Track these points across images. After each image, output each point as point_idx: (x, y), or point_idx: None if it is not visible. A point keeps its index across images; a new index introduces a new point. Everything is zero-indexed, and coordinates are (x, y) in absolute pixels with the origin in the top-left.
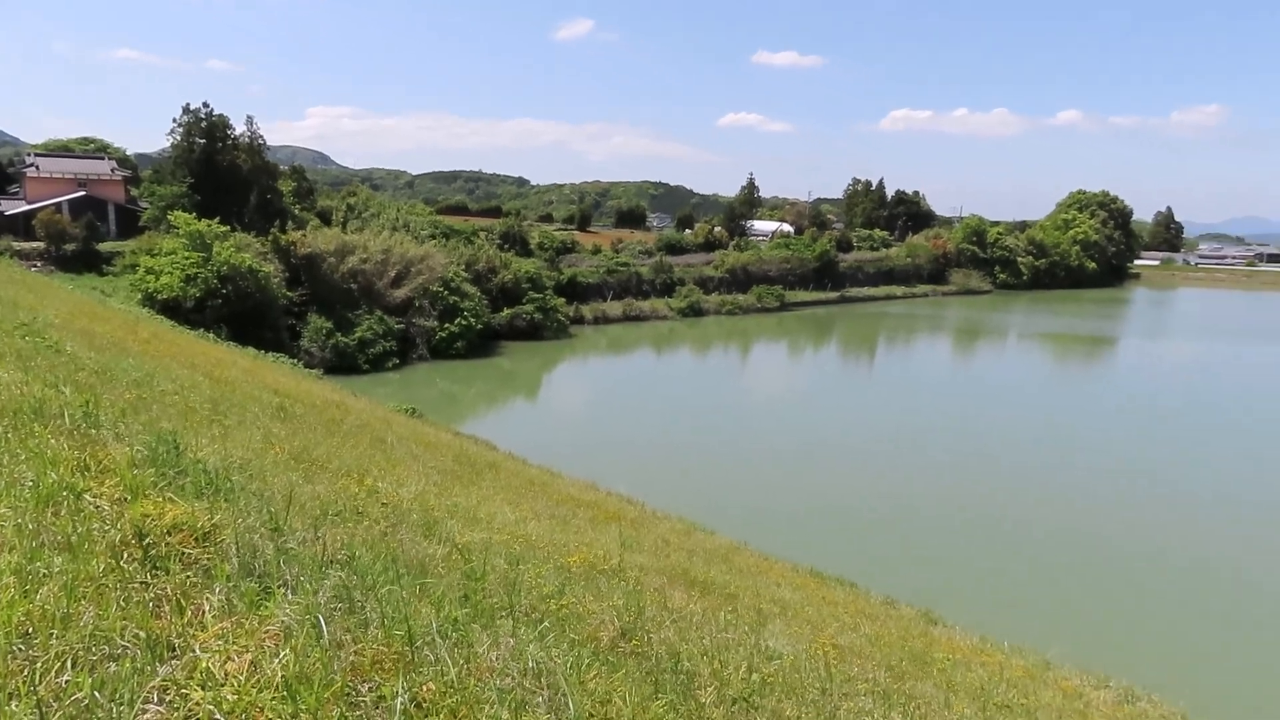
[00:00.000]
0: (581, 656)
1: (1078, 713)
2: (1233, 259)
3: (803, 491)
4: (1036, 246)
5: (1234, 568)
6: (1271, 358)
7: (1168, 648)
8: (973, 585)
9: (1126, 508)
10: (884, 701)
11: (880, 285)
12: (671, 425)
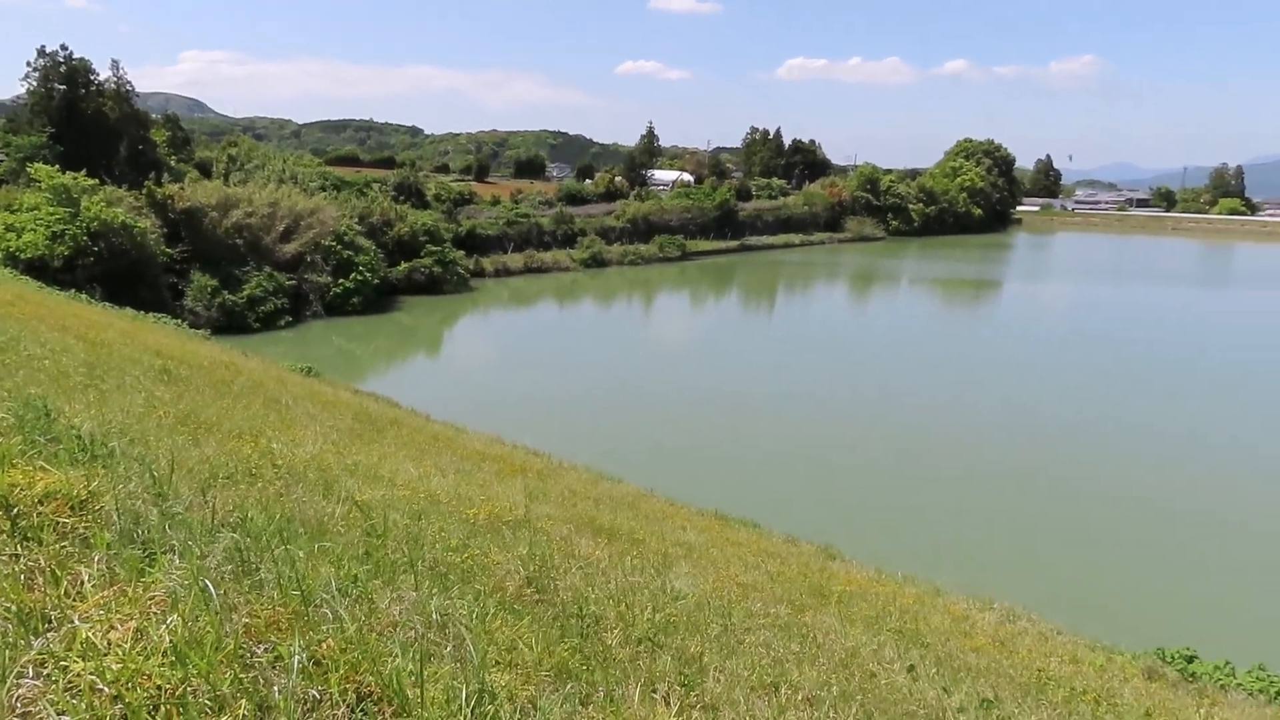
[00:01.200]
0: (487, 606)
1: (963, 634)
2: (1106, 204)
3: (708, 437)
4: (927, 194)
5: (1102, 490)
6: (1138, 297)
7: (1046, 570)
8: (870, 521)
9: (1009, 440)
10: (784, 633)
11: (779, 233)
12: (577, 377)
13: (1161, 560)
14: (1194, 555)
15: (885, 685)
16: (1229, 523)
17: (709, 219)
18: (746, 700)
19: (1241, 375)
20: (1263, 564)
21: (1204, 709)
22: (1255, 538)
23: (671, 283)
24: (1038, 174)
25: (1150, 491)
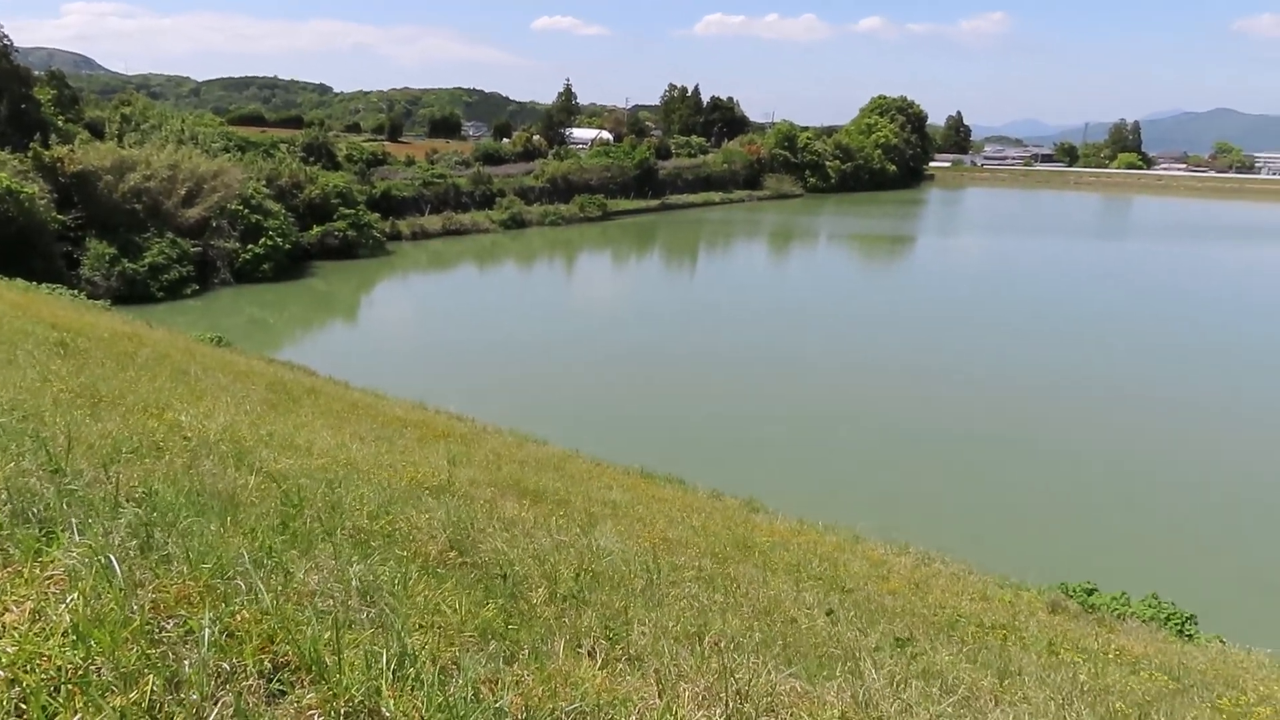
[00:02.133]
0: (409, 571)
1: (881, 577)
2: (1012, 159)
3: (633, 397)
4: (843, 151)
5: (1008, 437)
6: (1043, 251)
7: (959, 514)
8: (792, 474)
9: (923, 391)
10: (708, 585)
11: (699, 192)
12: (500, 341)
13: (1065, 500)
14: (1093, 495)
15: (806, 629)
16: (1123, 463)
17: (629, 178)
18: (671, 650)
19: (1138, 325)
20: (1154, 501)
21: (1102, 637)
22: (1147, 477)
23: (593, 243)
24: (949, 130)
25: (1052, 436)
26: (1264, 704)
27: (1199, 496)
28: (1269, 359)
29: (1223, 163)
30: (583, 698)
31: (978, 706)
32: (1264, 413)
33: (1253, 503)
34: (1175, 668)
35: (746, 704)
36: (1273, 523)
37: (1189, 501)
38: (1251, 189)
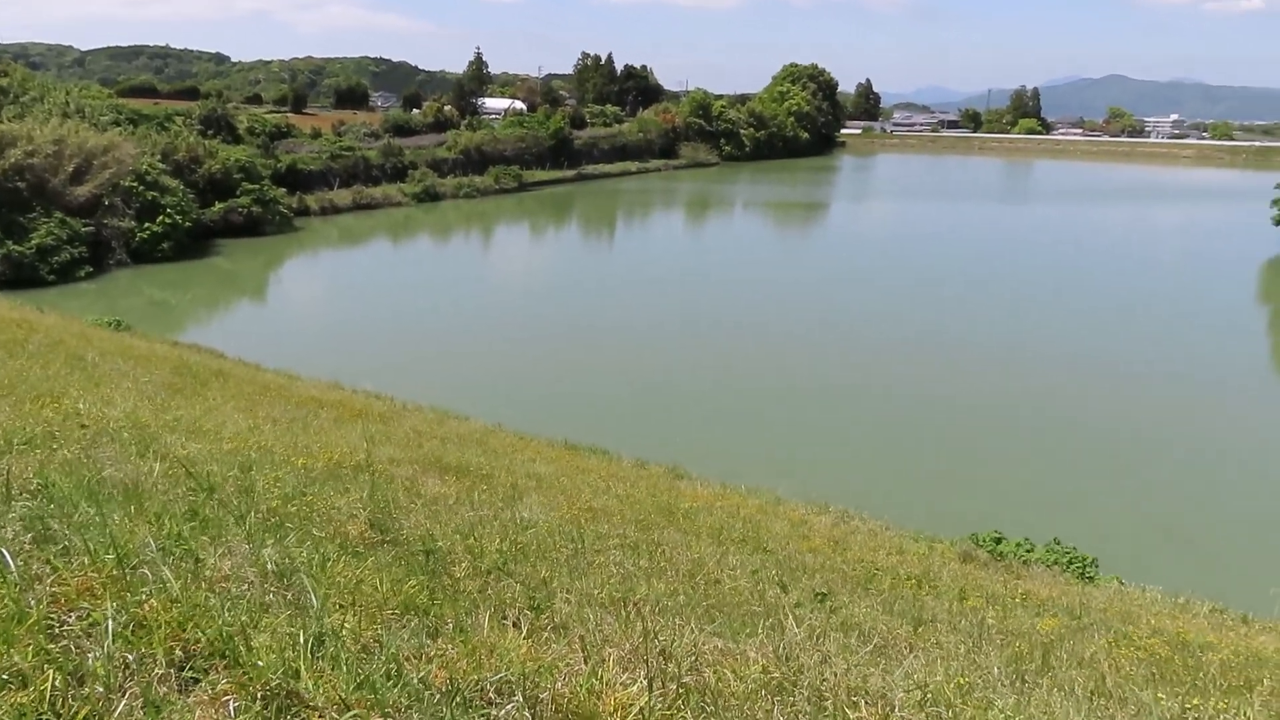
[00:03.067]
0: (328, 552)
1: (802, 537)
2: (921, 126)
3: (555, 370)
4: (757, 119)
5: (919, 396)
6: (952, 215)
7: (876, 472)
8: (715, 439)
9: (840, 355)
10: (633, 552)
11: (615, 161)
12: (417, 316)
13: (974, 455)
14: (1000, 448)
15: (729, 590)
16: (1026, 416)
17: (544, 148)
18: (596, 616)
19: (1039, 284)
20: (1055, 451)
21: (1009, 583)
22: (1048, 429)
23: (510, 215)
24: (859, 98)
25: (961, 393)
26: (1155, 636)
27: (1097, 445)
28: (1160, 312)
29: (1115, 127)
30: (507, 667)
31: (893, 654)
32: (1154, 364)
33: (1146, 449)
34: (1076, 608)
35: (670, 663)
36: (1165, 468)
37: (1088, 450)
38: (1142, 152)
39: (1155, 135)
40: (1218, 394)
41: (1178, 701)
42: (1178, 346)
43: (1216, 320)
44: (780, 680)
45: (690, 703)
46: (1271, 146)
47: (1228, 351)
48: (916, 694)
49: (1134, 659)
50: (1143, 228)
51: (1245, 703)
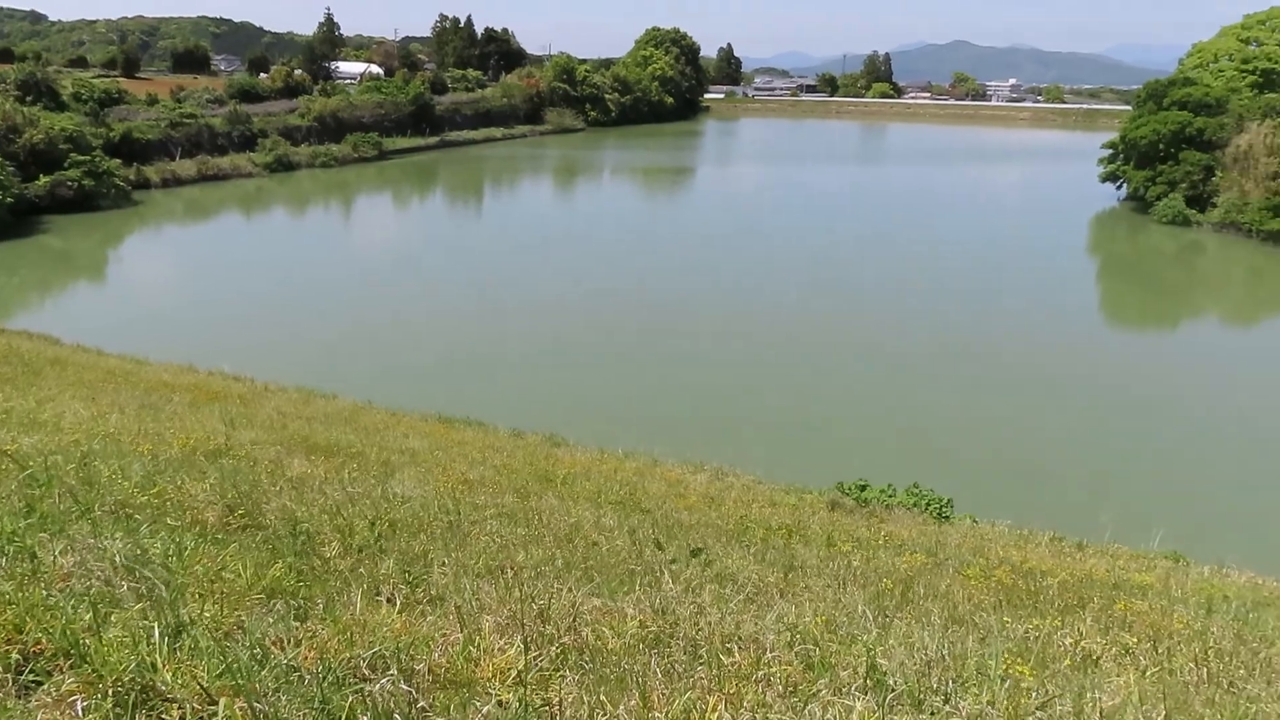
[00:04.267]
0: (184, 541)
1: (678, 495)
2: (781, 90)
3: (426, 342)
4: (621, 83)
5: (785, 354)
6: (814, 176)
7: (746, 429)
8: (591, 406)
9: (709, 316)
10: (511, 521)
11: (479, 127)
12: (276, 293)
13: (839, 406)
14: (863, 398)
15: (607, 551)
16: (887, 366)
17: (404, 114)
18: (473, 586)
19: (895, 245)
20: (913, 398)
21: (874, 527)
22: (907, 376)
23: (371, 184)
24: (721, 62)
25: (827, 348)
26: (1002, 565)
27: (951, 392)
28: (1003, 265)
29: (960, 90)
30: (381, 642)
31: (765, 601)
32: (998, 314)
33: (994, 393)
34: (934, 546)
35: (549, 625)
36: (1010, 410)
37: (943, 397)
38: (984, 115)
39: (996, 98)
40: (1056, 339)
41: (1021, 623)
42: (1019, 297)
43: (1053, 270)
44: (657, 633)
45: (569, 662)
46: (1097, 109)
47: (1063, 299)
48: (786, 635)
49: (984, 588)
50: (987, 186)
51: (1079, 619)
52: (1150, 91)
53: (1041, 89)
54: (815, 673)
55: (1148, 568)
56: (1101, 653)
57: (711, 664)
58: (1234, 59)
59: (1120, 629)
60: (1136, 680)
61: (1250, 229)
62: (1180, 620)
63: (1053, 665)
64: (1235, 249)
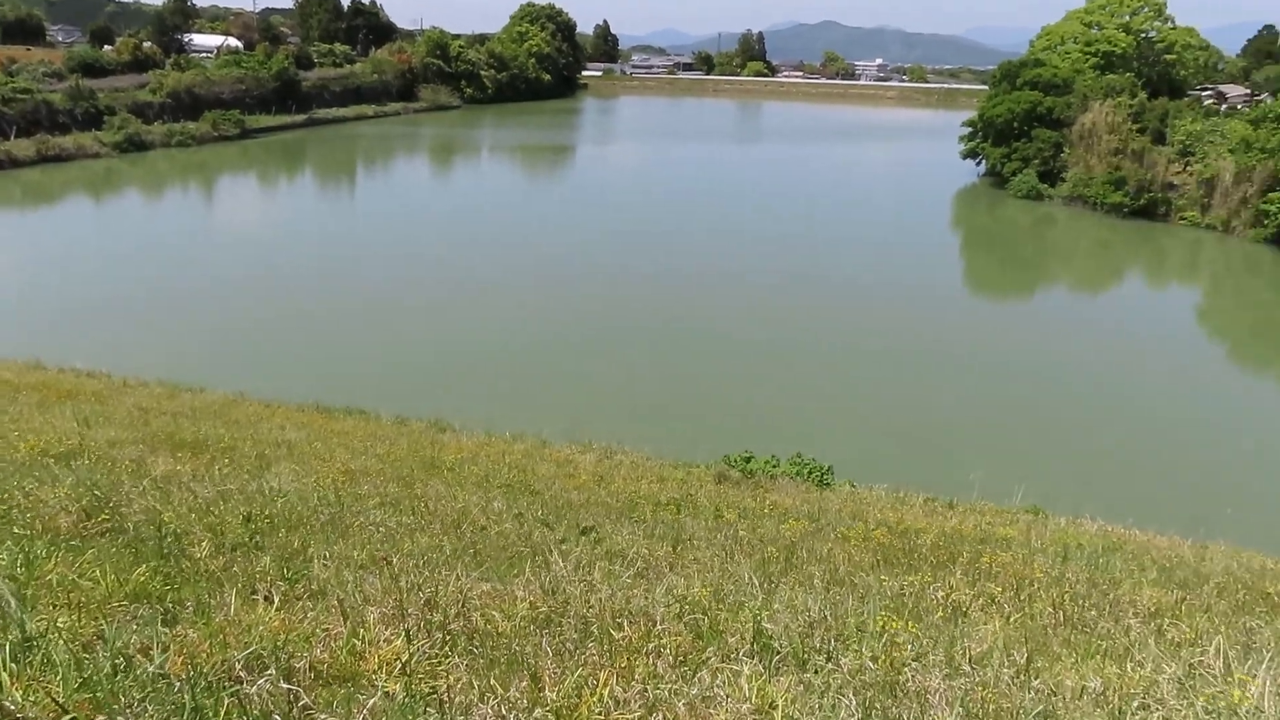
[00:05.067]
0: (35, 550)
1: (567, 475)
2: (658, 68)
3: (300, 331)
4: (497, 60)
5: (671, 329)
6: (695, 154)
7: (634, 406)
8: (476, 389)
9: (593, 293)
10: (395, 509)
11: (349, 105)
12: (131, 283)
13: (724, 381)
14: (746, 373)
15: (496, 535)
16: (767, 342)
17: (268, 91)
18: (357, 578)
19: (771, 218)
20: (794, 371)
21: (759, 497)
22: (787, 351)
23: (233, 165)
24: (598, 39)
25: (709, 324)
26: (880, 527)
27: (829, 362)
28: (873, 239)
29: (831, 70)
30: (258, 641)
31: (655, 574)
32: (872, 286)
33: (869, 361)
34: (816, 512)
35: (436, 613)
36: (885, 377)
37: (821, 367)
38: (854, 94)
39: (865, 78)
40: (925, 311)
41: (897, 580)
42: (890, 270)
43: (922, 245)
44: (548, 613)
45: (458, 647)
46: (957, 89)
47: (931, 272)
48: (676, 607)
49: (863, 549)
50: (859, 163)
51: (949, 574)
52: (1004, 72)
53: (906, 69)
54: (704, 641)
55: (1011, 522)
56: (970, 603)
57: (602, 640)
58: (1078, 41)
59: (987, 580)
60: (1001, 627)
61: (1095, 202)
62: (1039, 569)
63: (927, 618)
64: (1082, 221)
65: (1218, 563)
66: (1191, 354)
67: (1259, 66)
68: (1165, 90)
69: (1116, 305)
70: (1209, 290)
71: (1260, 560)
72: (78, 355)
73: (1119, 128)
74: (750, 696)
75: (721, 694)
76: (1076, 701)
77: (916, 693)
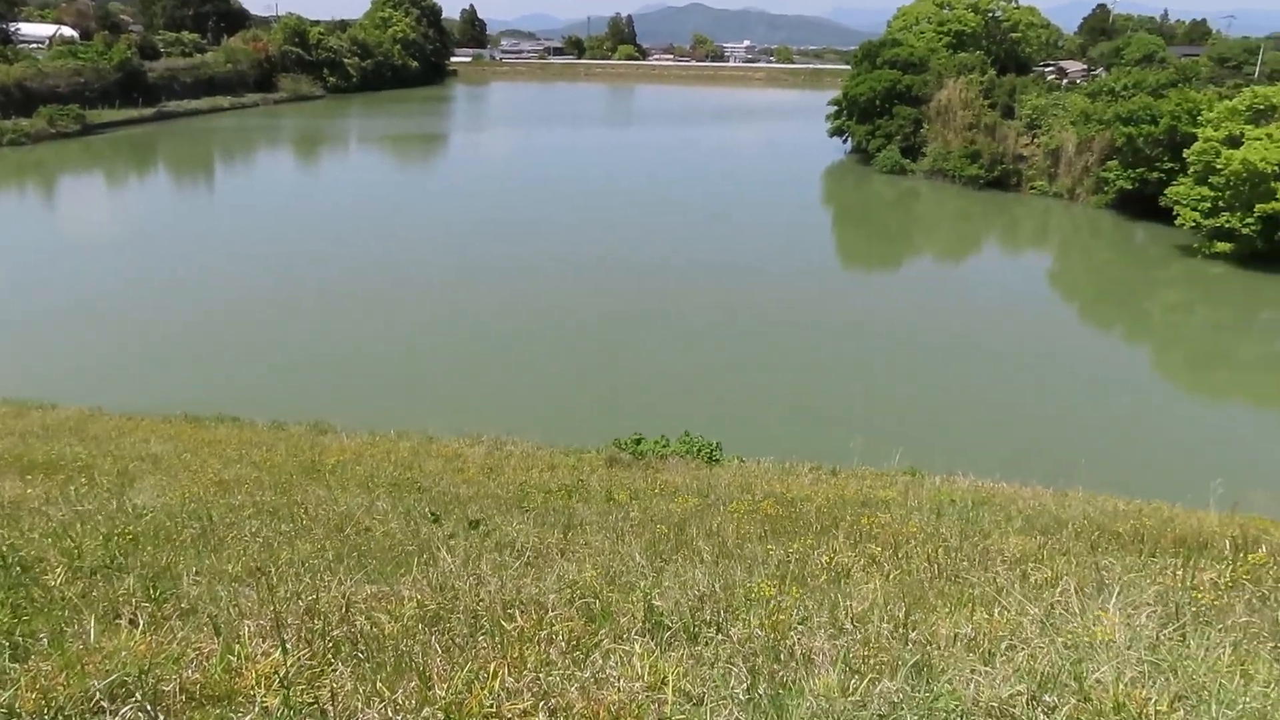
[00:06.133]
0: None
1: (456, 470)
2: (529, 53)
3: (159, 338)
4: (361, 47)
5: (550, 319)
6: (569, 139)
7: (525, 397)
8: (357, 388)
9: (466, 283)
10: (273, 517)
11: (203, 97)
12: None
13: (611, 365)
14: (632, 355)
15: (381, 535)
16: (651, 324)
17: (110, 83)
18: (230, 592)
19: (648, 201)
20: (679, 352)
21: (649, 478)
22: (669, 333)
23: (76, 164)
24: (465, 24)
25: (592, 308)
26: (768, 498)
27: (710, 340)
28: (748, 218)
29: (700, 52)
30: (122, 667)
31: (546, 561)
32: (748, 263)
33: (751, 338)
34: (705, 488)
35: (318, 620)
36: (767, 352)
37: (705, 345)
38: (724, 75)
39: (733, 59)
40: (802, 284)
41: (784, 548)
42: (766, 248)
43: (795, 222)
44: (436, 610)
45: (341, 654)
46: (822, 69)
47: (805, 247)
48: (568, 593)
49: (751, 521)
50: (729, 144)
51: (833, 538)
52: (865, 52)
53: (773, 50)
54: (597, 624)
55: (890, 484)
56: (852, 564)
57: (494, 632)
58: (932, 22)
59: (868, 541)
60: (881, 585)
61: (954, 175)
62: (916, 526)
63: (811, 582)
64: (943, 193)
65: (1075, 508)
66: (1047, 316)
67: (1094, 43)
68: (1012, 67)
69: (977, 273)
70: (1059, 255)
71: (1113, 503)
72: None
73: (972, 103)
74: (642, 674)
75: (614, 674)
76: (950, 649)
77: (802, 655)
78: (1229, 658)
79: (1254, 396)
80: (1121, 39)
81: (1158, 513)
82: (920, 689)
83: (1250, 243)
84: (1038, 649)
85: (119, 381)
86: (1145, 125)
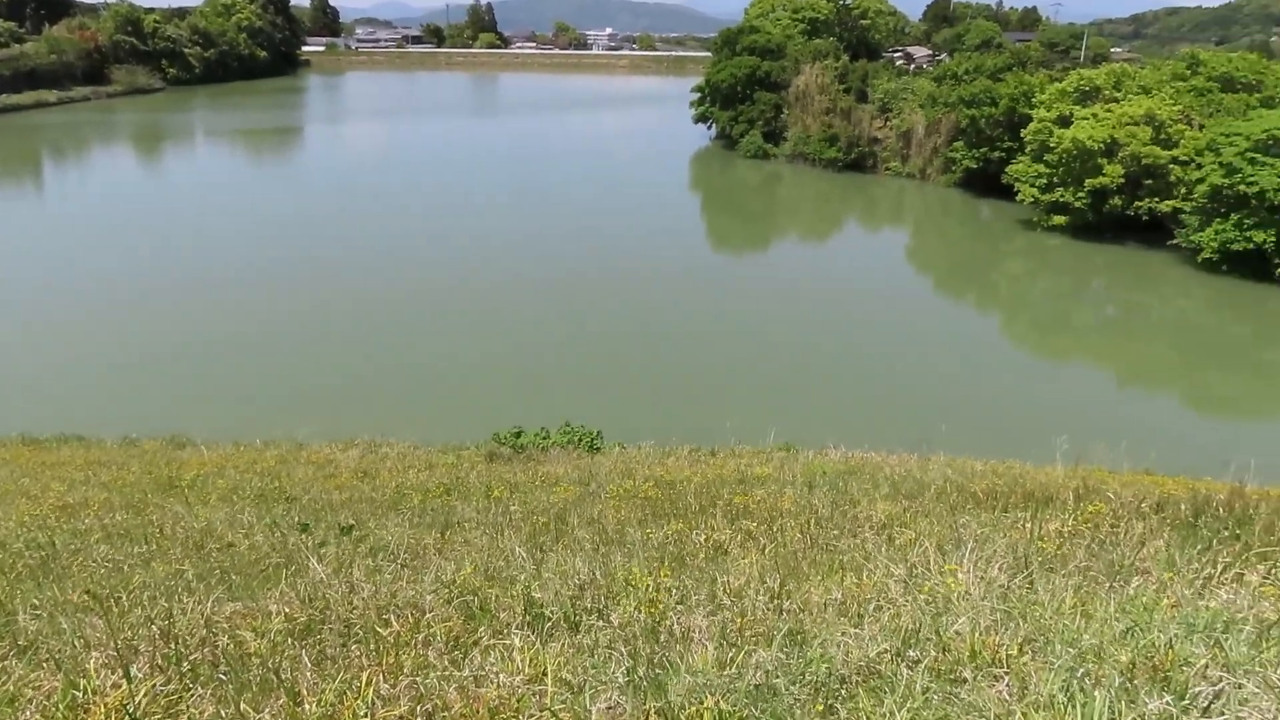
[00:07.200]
0: None
1: (327, 476)
2: (386, 42)
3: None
4: (202, 36)
5: (422, 313)
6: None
7: (394, 399)
8: (217, 398)
9: (325, 283)
10: (125, 539)
11: (25, 90)
12: None
13: (484, 360)
14: (505, 348)
15: (246, 549)
16: (521, 314)
17: None
18: (74, 623)
19: (512, 191)
20: (554, 341)
21: (530, 470)
22: (540, 323)
23: None
24: (316, 12)
25: (459, 305)
26: (648, 481)
27: (589, 330)
28: (617, 205)
29: (564, 40)
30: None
31: (422, 563)
32: (619, 255)
33: (628, 326)
34: (586, 477)
35: (174, 644)
36: (643, 338)
37: (580, 332)
38: (588, 64)
39: (596, 47)
40: (673, 269)
41: (663, 530)
42: (636, 234)
43: (665, 209)
44: (307, 622)
45: (200, 678)
46: (685, 56)
47: (675, 233)
48: (445, 593)
49: (631, 505)
50: (596, 132)
51: (711, 517)
52: (725, 39)
53: (635, 38)
54: (476, 621)
55: (766, 460)
56: (729, 541)
57: (368, 640)
58: (787, 9)
59: (744, 518)
60: (758, 559)
61: (814, 158)
62: (790, 500)
63: (691, 561)
64: (805, 176)
65: (936, 472)
66: (906, 290)
67: (938, 29)
68: (864, 53)
69: (840, 252)
70: (914, 232)
71: (971, 465)
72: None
73: (828, 88)
74: (523, 668)
75: (494, 671)
76: (822, 614)
77: (681, 634)
78: (1071, 600)
79: (1091, 356)
80: (961, 25)
81: (1010, 471)
82: (794, 656)
83: (1082, 215)
84: (901, 607)
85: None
86: (986, 107)
